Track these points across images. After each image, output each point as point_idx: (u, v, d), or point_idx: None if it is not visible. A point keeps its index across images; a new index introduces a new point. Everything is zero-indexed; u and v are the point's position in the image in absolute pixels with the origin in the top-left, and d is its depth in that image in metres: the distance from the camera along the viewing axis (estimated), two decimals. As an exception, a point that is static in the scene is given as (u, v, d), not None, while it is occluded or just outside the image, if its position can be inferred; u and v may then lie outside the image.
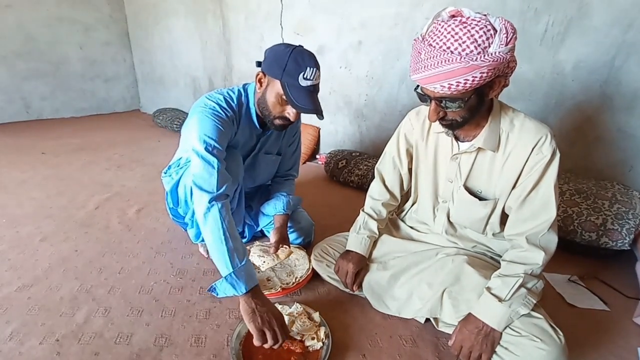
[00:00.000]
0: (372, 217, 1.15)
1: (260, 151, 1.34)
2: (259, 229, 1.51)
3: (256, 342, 0.84)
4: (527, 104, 1.75)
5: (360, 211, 1.20)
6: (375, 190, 1.19)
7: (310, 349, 0.92)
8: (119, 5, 4.46)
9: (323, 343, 0.93)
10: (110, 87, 4.66)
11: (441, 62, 0.72)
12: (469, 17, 0.73)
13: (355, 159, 2.24)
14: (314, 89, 1.08)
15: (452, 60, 0.71)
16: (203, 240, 1.36)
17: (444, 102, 0.80)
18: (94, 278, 1.23)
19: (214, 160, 1.02)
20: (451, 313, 0.94)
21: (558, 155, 0.85)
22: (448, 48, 0.72)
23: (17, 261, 1.31)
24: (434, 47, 0.73)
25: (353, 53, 2.38)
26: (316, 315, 1.01)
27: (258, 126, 1.23)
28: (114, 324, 1.01)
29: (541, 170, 0.85)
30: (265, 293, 1.10)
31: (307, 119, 2.84)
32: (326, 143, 2.80)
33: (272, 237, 1.33)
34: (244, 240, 1.47)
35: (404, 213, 1.23)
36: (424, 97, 0.84)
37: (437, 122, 0.88)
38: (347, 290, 1.14)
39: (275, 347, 0.86)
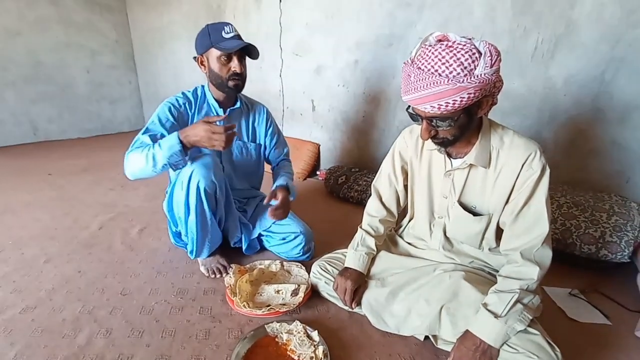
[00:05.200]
0: (370, 234, 1.17)
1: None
2: (255, 234, 1.50)
3: (219, 147, 1.13)
4: (521, 119, 1.78)
5: (358, 228, 1.21)
6: (372, 207, 1.20)
7: (309, 369, 0.92)
8: (125, 30, 4.61)
9: (322, 362, 0.93)
10: (116, 108, 4.76)
11: (430, 84, 0.75)
12: (454, 42, 0.77)
13: (355, 175, 2.26)
14: (238, 37, 1.28)
15: (440, 83, 0.74)
16: (198, 255, 1.38)
17: (434, 121, 0.83)
18: (96, 299, 1.24)
19: (159, 133, 1.25)
20: (449, 330, 0.94)
21: (548, 170, 0.87)
22: (436, 71, 0.75)
23: (21, 283, 1.33)
24: (423, 70, 0.77)
25: (350, 72, 2.45)
26: (315, 334, 1.01)
27: (218, 107, 1.39)
28: (115, 346, 1.02)
29: (532, 185, 0.87)
30: (264, 312, 1.12)
31: (307, 135, 2.90)
32: (326, 159, 2.83)
33: (275, 194, 1.39)
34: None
35: (401, 229, 1.24)
36: (415, 117, 0.87)
37: (430, 140, 0.91)
38: (346, 307, 1.14)
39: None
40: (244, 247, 1.49)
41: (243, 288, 1.23)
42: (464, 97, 0.75)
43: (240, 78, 1.31)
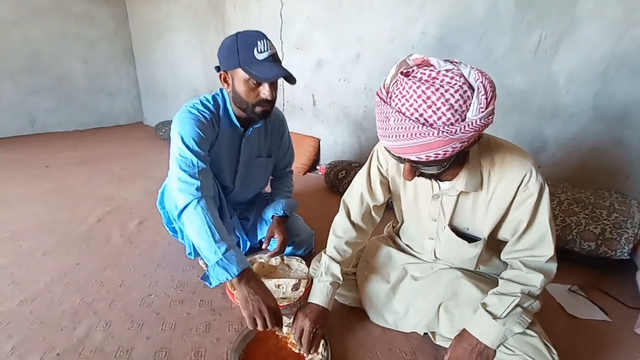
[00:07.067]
0: (335, 260, 1.03)
1: (251, 155, 1.36)
2: (257, 240, 1.51)
3: (249, 326, 0.91)
4: (523, 115, 1.77)
5: (322, 254, 1.09)
6: (339, 225, 1.07)
7: (310, 363, 0.92)
8: (123, 21, 4.56)
9: (322, 356, 0.93)
10: (114, 100, 4.73)
11: (416, 134, 0.62)
12: (439, 72, 0.63)
13: (355, 170, 2.25)
14: (274, 58, 1.09)
15: (428, 134, 0.61)
16: (197, 256, 1.37)
17: (419, 166, 0.73)
18: (95, 292, 1.23)
19: (194, 160, 1.08)
20: (448, 327, 0.93)
21: (546, 189, 0.81)
22: (421, 116, 0.61)
23: (19, 275, 1.32)
24: (405, 115, 0.63)
25: (351, 66, 2.43)
26: (315, 328, 1.01)
27: (239, 125, 1.25)
28: (114, 338, 1.02)
29: (532, 206, 0.81)
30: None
31: (307, 130, 2.88)
32: (326, 154, 2.82)
33: (273, 233, 1.35)
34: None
35: (398, 225, 1.23)
36: (395, 156, 0.73)
37: None
38: (302, 350, 0.96)
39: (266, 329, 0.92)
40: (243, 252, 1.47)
41: None
42: (456, 147, 0.64)
43: (271, 104, 1.14)
